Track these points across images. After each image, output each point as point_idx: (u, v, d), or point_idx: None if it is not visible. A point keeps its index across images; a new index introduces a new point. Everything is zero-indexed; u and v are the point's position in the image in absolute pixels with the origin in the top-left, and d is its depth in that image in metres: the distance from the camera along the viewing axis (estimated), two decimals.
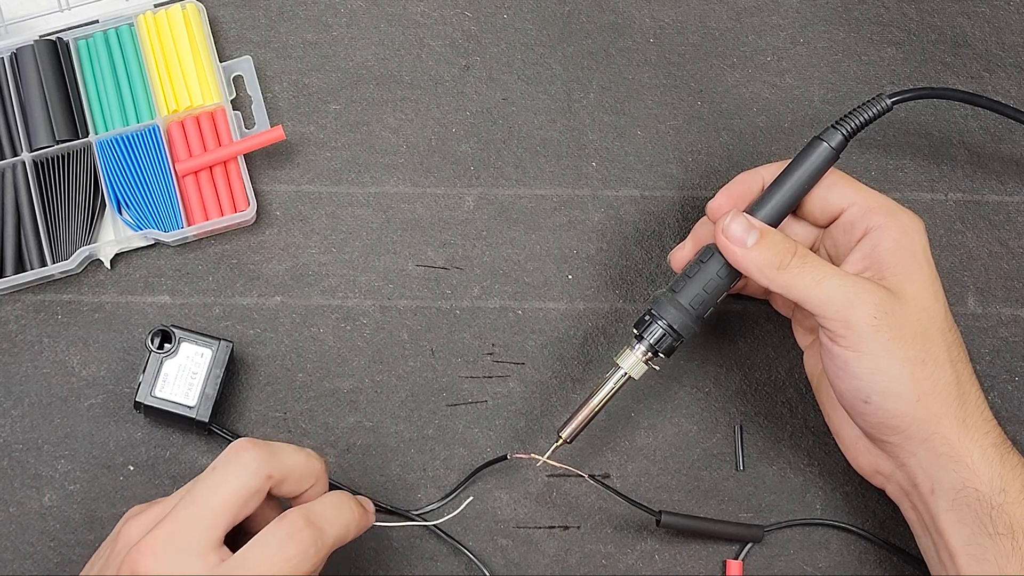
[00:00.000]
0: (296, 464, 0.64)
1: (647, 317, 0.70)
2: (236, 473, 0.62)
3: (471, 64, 0.83)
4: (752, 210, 0.69)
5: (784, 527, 0.76)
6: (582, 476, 0.73)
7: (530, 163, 0.81)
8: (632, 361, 0.70)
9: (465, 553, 0.74)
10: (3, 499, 0.74)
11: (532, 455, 0.72)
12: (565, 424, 0.71)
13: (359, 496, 0.67)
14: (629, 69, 0.83)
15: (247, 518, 0.63)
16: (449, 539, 0.74)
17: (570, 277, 0.80)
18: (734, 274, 0.69)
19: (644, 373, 0.71)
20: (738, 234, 0.67)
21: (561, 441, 0.71)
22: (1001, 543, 0.64)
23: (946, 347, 0.66)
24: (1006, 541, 0.64)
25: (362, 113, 0.82)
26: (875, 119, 0.71)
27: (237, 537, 0.62)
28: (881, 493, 0.72)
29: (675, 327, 0.69)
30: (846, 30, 0.85)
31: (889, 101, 0.71)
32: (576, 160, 0.82)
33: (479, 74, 0.83)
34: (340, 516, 0.64)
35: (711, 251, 0.69)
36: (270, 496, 0.64)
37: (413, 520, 0.74)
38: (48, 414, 0.75)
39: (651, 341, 0.70)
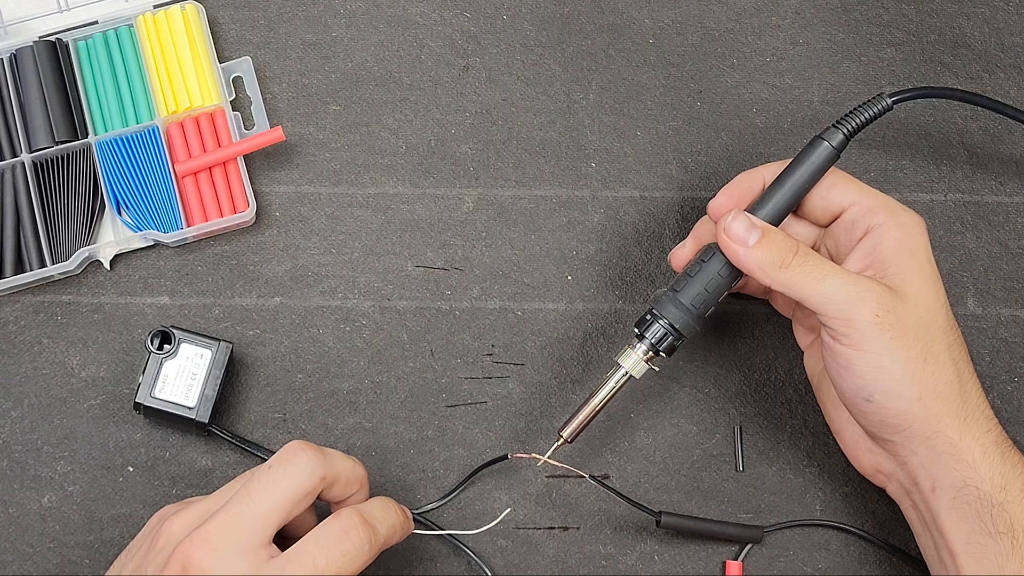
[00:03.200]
0: (345, 468, 0.65)
1: (648, 316, 0.70)
2: (293, 472, 0.62)
3: (470, 65, 0.83)
4: (753, 209, 0.70)
5: (784, 528, 0.76)
6: (582, 476, 0.73)
7: (530, 164, 0.81)
8: (633, 360, 0.70)
9: (465, 553, 0.74)
10: (2, 500, 0.74)
11: (533, 455, 0.72)
12: (566, 424, 0.71)
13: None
14: (629, 70, 0.83)
15: (288, 523, 0.63)
16: (450, 539, 0.74)
17: (570, 278, 0.80)
18: (735, 273, 0.69)
19: (644, 373, 0.71)
20: (740, 233, 0.67)
21: (562, 441, 0.71)
22: (1001, 542, 0.64)
23: (947, 346, 0.66)
24: (1006, 540, 0.64)
25: (361, 114, 0.82)
26: (876, 118, 0.71)
27: (277, 542, 0.63)
28: (881, 493, 0.72)
29: (676, 326, 0.69)
30: (846, 31, 0.85)
31: (889, 100, 0.71)
32: (576, 161, 0.82)
33: (478, 75, 0.83)
34: (388, 517, 0.65)
35: (712, 250, 0.69)
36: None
37: (439, 529, 0.74)
38: (47, 415, 0.75)
39: (652, 340, 0.70)
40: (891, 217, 0.68)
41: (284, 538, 0.63)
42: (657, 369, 0.72)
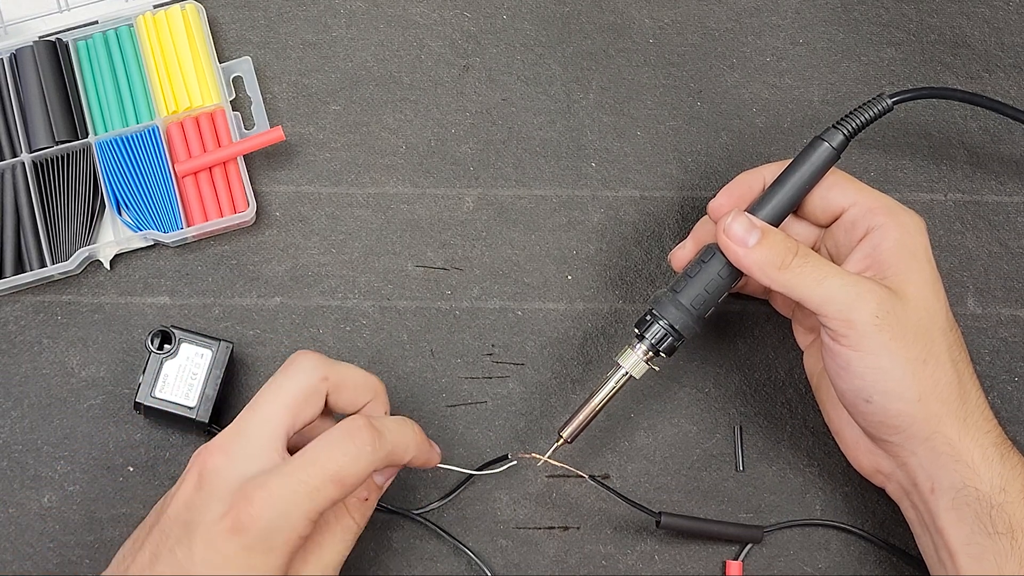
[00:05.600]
0: (352, 374, 0.67)
1: (648, 317, 0.70)
2: (293, 374, 0.65)
3: (471, 65, 0.83)
4: (753, 210, 0.70)
5: (784, 528, 0.76)
6: (582, 477, 0.73)
7: (530, 163, 0.81)
8: (633, 360, 0.70)
9: (465, 553, 0.74)
10: (2, 500, 0.74)
11: (533, 455, 0.72)
12: (566, 424, 0.71)
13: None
14: (629, 69, 0.84)
15: (308, 434, 0.65)
16: (450, 539, 0.74)
17: (570, 278, 0.80)
18: (735, 274, 0.69)
19: (644, 373, 0.71)
20: (740, 234, 0.67)
21: (562, 441, 0.71)
22: (1000, 542, 0.64)
23: (947, 346, 0.66)
24: (1005, 540, 0.64)
25: (362, 114, 0.82)
26: (876, 119, 0.71)
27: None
28: (881, 493, 0.72)
29: (676, 327, 0.69)
30: (846, 30, 0.85)
31: (890, 101, 0.71)
32: (576, 160, 0.82)
33: (479, 75, 0.83)
34: (401, 430, 0.66)
35: (712, 251, 0.69)
36: (329, 414, 0.67)
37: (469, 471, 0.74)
38: (47, 415, 0.75)
39: (652, 341, 0.70)
40: (891, 218, 0.68)
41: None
42: (657, 369, 0.72)
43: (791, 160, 0.70)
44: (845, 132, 0.70)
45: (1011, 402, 0.79)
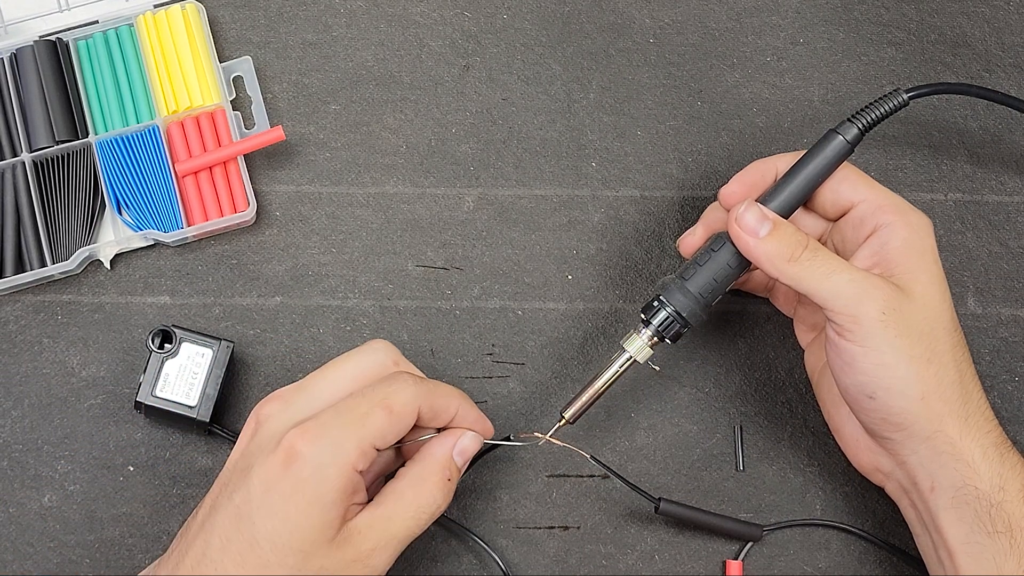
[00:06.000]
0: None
1: (655, 303, 0.70)
2: (368, 353, 0.66)
3: (471, 64, 0.83)
4: (765, 200, 0.69)
5: (784, 527, 0.76)
6: (584, 455, 0.72)
7: (530, 163, 0.81)
8: (638, 345, 0.70)
9: (470, 550, 0.74)
10: (3, 500, 0.74)
11: (535, 433, 0.71)
12: (568, 404, 0.71)
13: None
14: (629, 69, 0.84)
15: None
16: (465, 531, 0.74)
17: (570, 277, 0.80)
18: (744, 264, 0.69)
19: (646, 364, 0.70)
20: (751, 224, 0.67)
21: (564, 421, 0.71)
22: (999, 541, 0.64)
23: (951, 346, 0.67)
24: (1004, 539, 0.64)
25: (362, 113, 0.82)
26: (891, 114, 0.70)
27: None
28: (881, 493, 0.72)
29: (684, 314, 0.69)
30: (846, 30, 0.85)
31: (906, 96, 0.71)
32: (576, 160, 0.82)
33: (479, 74, 0.83)
34: (440, 383, 0.67)
35: (723, 240, 0.69)
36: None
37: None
38: (48, 415, 0.75)
39: (658, 326, 0.70)
40: (900, 217, 0.68)
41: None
42: (658, 368, 0.72)
43: (804, 152, 0.70)
44: (860, 126, 0.70)
45: (1011, 402, 0.79)
